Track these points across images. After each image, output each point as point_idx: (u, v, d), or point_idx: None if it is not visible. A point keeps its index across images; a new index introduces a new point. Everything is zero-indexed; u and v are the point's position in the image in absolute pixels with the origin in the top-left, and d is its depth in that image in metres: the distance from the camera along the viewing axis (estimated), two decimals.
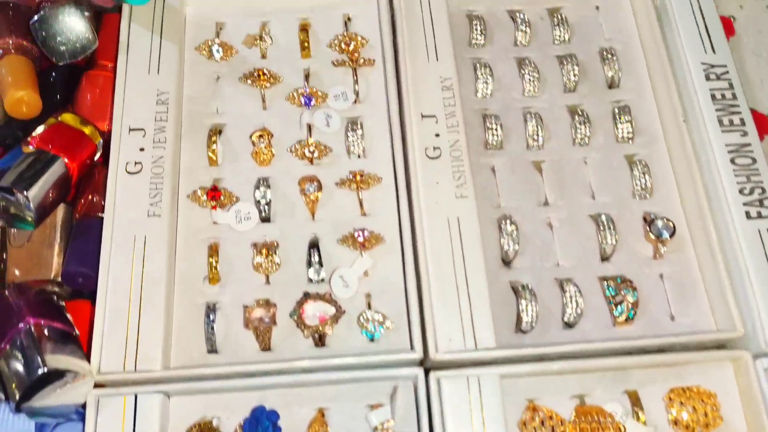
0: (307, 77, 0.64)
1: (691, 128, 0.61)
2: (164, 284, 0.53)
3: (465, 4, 0.68)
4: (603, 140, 0.63)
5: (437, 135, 0.59)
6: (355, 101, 0.63)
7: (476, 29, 0.66)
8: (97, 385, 0.50)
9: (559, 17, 0.68)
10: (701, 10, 0.66)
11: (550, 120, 0.63)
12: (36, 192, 0.53)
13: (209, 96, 0.63)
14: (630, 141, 0.63)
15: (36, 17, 0.57)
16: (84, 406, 0.49)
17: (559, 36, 0.67)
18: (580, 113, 0.63)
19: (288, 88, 0.63)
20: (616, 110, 0.64)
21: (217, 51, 0.64)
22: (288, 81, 0.64)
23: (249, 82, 0.63)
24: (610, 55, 0.65)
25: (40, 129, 0.57)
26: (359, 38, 0.65)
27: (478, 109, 0.64)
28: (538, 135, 0.62)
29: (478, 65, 0.64)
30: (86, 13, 0.57)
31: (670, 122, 0.63)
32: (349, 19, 0.66)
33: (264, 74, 0.63)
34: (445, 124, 0.60)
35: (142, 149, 0.57)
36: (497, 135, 0.62)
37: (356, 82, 0.63)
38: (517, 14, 0.68)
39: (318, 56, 0.65)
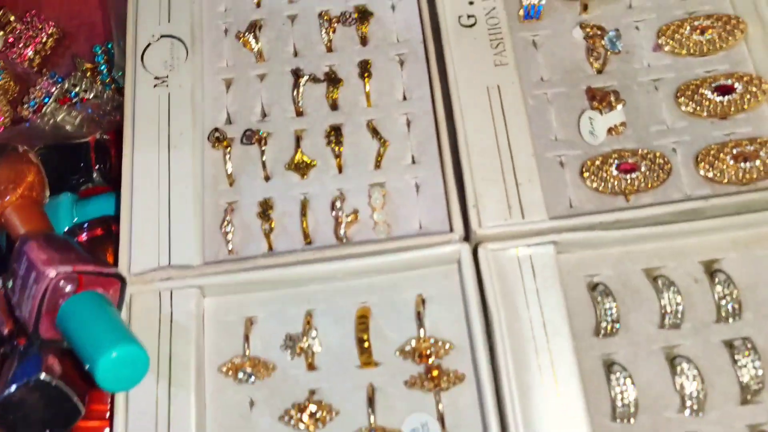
0: (371, 401, 0.47)
1: None
2: None
3: None
4: None
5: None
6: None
7: None
8: None
9: None
10: None
11: None
12: None
13: None
14: None
15: None
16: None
17: None
18: None
19: (348, 422, 0.47)
20: None
21: (247, 376, 0.48)
22: (345, 409, 0.47)
23: (292, 422, 0.47)
24: None
25: None
26: (440, 343, 0.48)
27: None
28: None
29: None
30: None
31: None
32: (423, 302, 0.49)
33: (312, 412, 0.46)
34: None
35: None
36: None
37: (439, 403, 0.46)
38: None
39: (385, 359, 0.48)
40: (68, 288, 0.43)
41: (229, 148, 0.55)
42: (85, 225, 0.54)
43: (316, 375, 0.49)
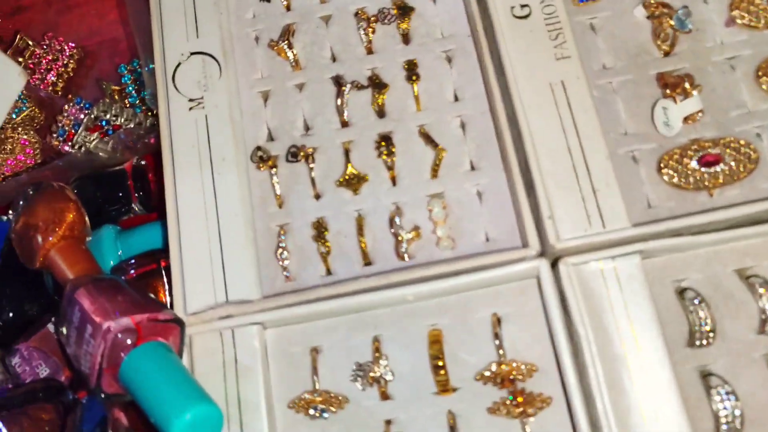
0: (452, 430, 0.44)
1: None
2: None
3: None
4: None
5: None
6: None
7: None
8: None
9: None
10: None
11: None
12: None
13: None
14: None
15: None
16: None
17: None
18: None
19: None
20: None
21: (320, 411, 0.46)
22: None
23: None
24: None
25: None
26: (523, 366, 0.45)
27: None
28: None
29: None
30: None
31: None
32: (498, 321, 0.46)
33: None
34: None
35: None
36: None
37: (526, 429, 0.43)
38: None
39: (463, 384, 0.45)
40: (128, 341, 0.41)
41: (274, 168, 0.52)
42: (132, 261, 0.51)
43: (391, 405, 0.46)
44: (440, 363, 0.46)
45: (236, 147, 0.51)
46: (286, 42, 0.55)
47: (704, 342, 0.44)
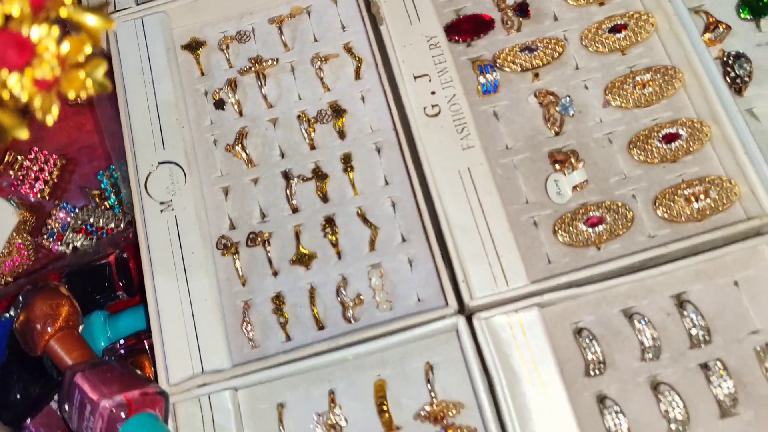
0: None
1: None
2: None
3: None
4: None
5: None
6: None
7: None
8: None
9: None
10: None
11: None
12: None
13: None
14: None
15: None
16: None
17: None
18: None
19: None
20: None
21: None
22: None
23: None
24: None
25: None
26: (451, 405, 0.56)
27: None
28: None
29: None
30: None
31: None
32: (431, 368, 0.58)
33: None
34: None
35: None
36: None
37: None
38: None
39: (405, 423, 0.57)
40: (122, 414, 0.52)
41: (236, 253, 0.64)
42: (121, 342, 0.63)
43: None
44: (384, 407, 0.57)
45: (203, 239, 0.63)
46: (239, 144, 0.68)
47: (597, 372, 0.57)
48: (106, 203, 0.68)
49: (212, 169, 0.68)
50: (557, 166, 0.63)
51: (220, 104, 0.70)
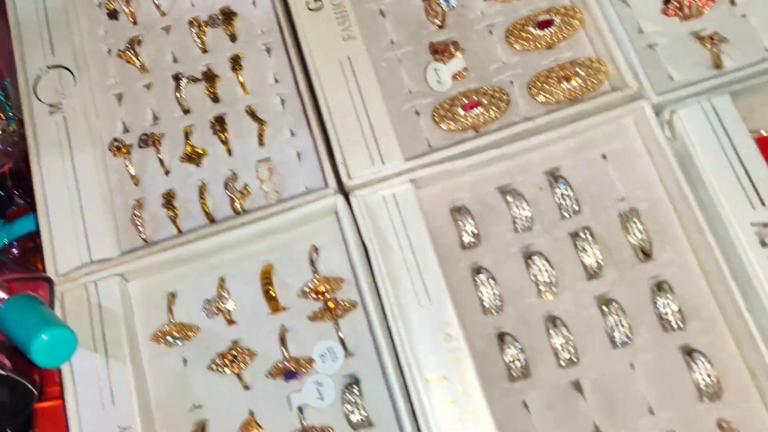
0: (283, 339, 0.58)
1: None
2: None
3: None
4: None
5: None
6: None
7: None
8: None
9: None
10: (737, 154, 0.57)
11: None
12: None
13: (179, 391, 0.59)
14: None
15: None
16: None
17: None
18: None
19: (267, 362, 0.58)
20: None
21: (176, 339, 0.59)
22: (264, 350, 0.58)
23: (219, 369, 0.58)
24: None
25: None
26: (332, 279, 0.59)
27: None
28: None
29: None
30: None
31: (726, 301, 0.55)
32: (316, 250, 0.60)
33: (234, 356, 0.58)
34: None
35: None
36: None
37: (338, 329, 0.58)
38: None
39: (291, 303, 0.59)
40: (1, 295, 0.53)
41: (128, 154, 0.65)
42: (14, 242, 0.64)
43: (235, 328, 0.60)
44: (270, 289, 0.59)
45: (93, 141, 0.65)
46: (132, 51, 0.69)
47: (471, 243, 0.59)
48: (1, 115, 0.69)
49: (105, 77, 0.69)
50: (437, 56, 0.65)
51: (113, 14, 0.71)
